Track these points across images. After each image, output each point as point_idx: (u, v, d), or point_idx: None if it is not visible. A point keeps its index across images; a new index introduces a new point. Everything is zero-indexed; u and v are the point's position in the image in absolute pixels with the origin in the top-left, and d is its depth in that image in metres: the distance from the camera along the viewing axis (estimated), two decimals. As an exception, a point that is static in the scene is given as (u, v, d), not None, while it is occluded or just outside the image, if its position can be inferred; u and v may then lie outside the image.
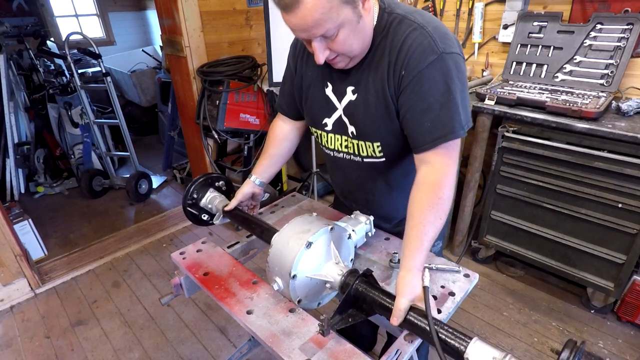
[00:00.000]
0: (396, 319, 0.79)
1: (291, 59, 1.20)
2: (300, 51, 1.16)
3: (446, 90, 0.90)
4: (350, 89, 1.03)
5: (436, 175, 0.93)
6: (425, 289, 0.80)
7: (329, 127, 1.12)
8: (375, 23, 0.95)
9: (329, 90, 1.08)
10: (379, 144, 1.05)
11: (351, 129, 1.07)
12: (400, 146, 1.05)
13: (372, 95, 0.99)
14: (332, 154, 1.18)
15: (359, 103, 1.02)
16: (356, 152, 1.11)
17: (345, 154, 1.14)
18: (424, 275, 0.83)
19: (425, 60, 0.89)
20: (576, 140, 1.82)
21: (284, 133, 1.31)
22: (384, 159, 1.08)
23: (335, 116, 1.09)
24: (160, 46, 4.63)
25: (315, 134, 1.19)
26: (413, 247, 0.88)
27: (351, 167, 1.16)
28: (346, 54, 0.93)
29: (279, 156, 1.32)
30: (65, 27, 5.45)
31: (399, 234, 1.26)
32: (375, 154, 1.07)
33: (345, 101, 1.05)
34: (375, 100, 0.99)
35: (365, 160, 1.11)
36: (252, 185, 1.28)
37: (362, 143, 1.07)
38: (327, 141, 1.16)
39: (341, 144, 1.13)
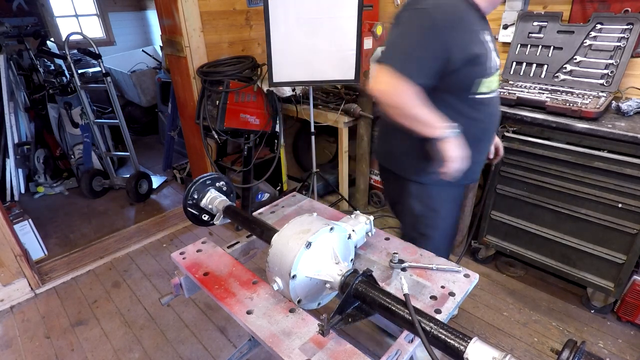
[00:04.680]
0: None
1: (448, 36, 1.19)
2: (468, 28, 1.22)
3: None
4: (487, 30, 1.28)
5: None
6: (406, 296, 0.81)
7: (493, 69, 1.29)
8: None
9: (486, 36, 1.26)
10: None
11: (498, 60, 1.33)
12: None
13: None
14: (494, 96, 1.37)
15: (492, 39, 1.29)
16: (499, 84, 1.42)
17: (498, 90, 1.40)
18: (402, 282, 0.88)
19: None
20: (576, 140, 1.82)
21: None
22: None
23: (493, 56, 1.28)
24: (160, 46, 4.63)
25: (482, 85, 1.29)
26: None
27: (498, 101, 1.44)
28: None
29: None
30: (65, 27, 5.45)
31: None
32: None
33: (490, 39, 1.28)
34: None
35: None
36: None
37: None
38: (491, 82, 1.31)
39: (497, 80, 1.35)
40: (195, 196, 1.29)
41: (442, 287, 1.03)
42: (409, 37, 1.16)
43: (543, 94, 2.02)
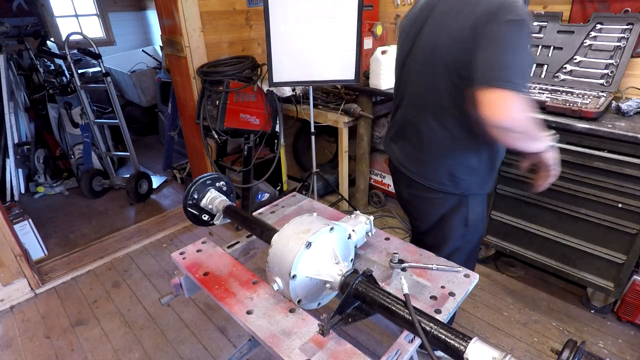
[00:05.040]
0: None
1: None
2: None
3: None
4: None
5: None
6: (406, 296, 0.81)
7: None
8: None
9: None
10: None
11: None
12: None
13: None
14: None
15: None
16: None
17: None
18: (402, 282, 0.87)
19: None
20: (576, 140, 1.82)
21: None
22: None
23: None
24: (160, 46, 4.63)
25: None
26: None
27: None
28: None
29: None
30: (65, 27, 5.45)
31: None
32: None
33: None
34: None
35: None
36: None
37: None
38: None
39: None
40: (195, 196, 1.29)
41: (442, 287, 1.03)
42: (519, 53, 1.04)
43: (543, 94, 2.02)
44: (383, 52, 2.40)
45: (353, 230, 1.09)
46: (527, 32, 1.07)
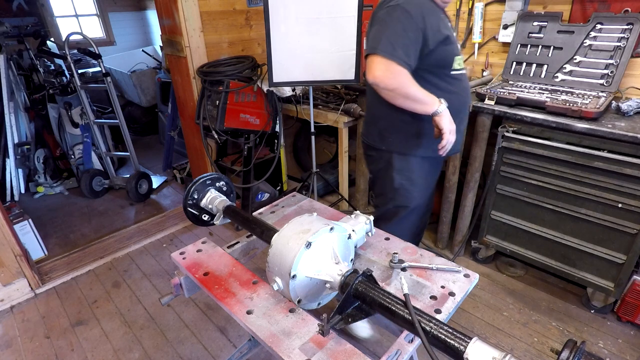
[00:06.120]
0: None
1: (421, 22, 1.38)
2: (435, 16, 1.44)
3: None
4: (448, 21, 1.54)
5: None
6: (406, 296, 0.81)
7: (459, 49, 1.55)
8: None
9: (448, 24, 1.51)
10: None
11: (459, 46, 1.59)
12: None
13: None
14: (464, 72, 1.60)
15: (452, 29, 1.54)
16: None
17: (465, 69, 1.63)
18: (402, 282, 0.89)
19: None
20: (576, 140, 1.82)
21: None
22: None
23: (456, 39, 1.53)
24: (160, 46, 4.63)
25: (455, 62, 1.52)
26: None
27: (467, 78, 1.66)
28: None
29: None
30: (65, 27, 5.45)
31: None
32: None
33: (451, 27, 1.53)
34: None
35: None
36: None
37: None
38: (461, 60, 1.55)
39: (462, 60, 1.58)
40: (195, 196, 1.30)
41: (442, 287, 1.03)
42: (390, 28, 1.33)
43: (543, 94, 2.02)
44: (383, 52, 2.40)
45: (353, 230, 1.09)
46: (405, 14, 1.33)
